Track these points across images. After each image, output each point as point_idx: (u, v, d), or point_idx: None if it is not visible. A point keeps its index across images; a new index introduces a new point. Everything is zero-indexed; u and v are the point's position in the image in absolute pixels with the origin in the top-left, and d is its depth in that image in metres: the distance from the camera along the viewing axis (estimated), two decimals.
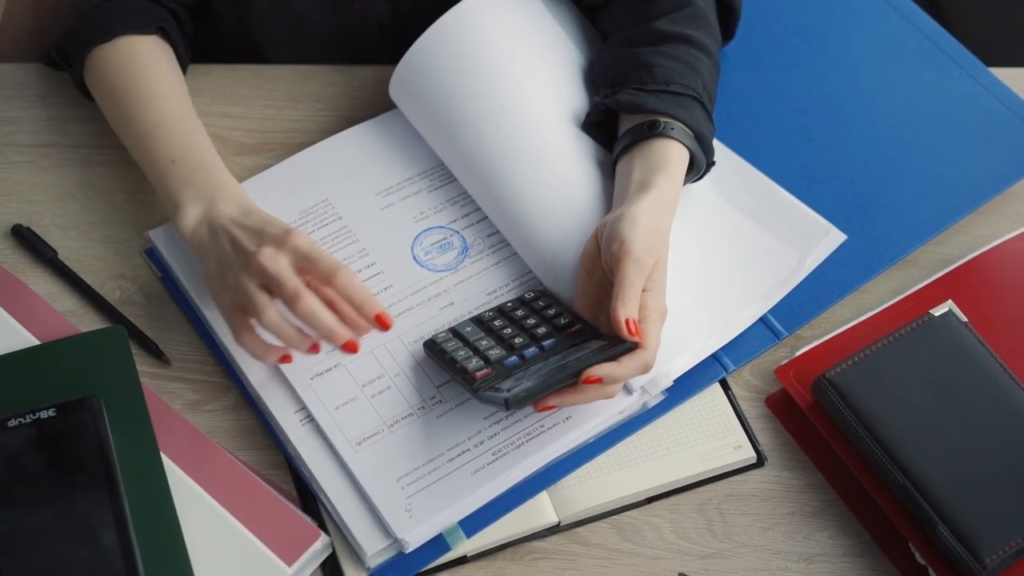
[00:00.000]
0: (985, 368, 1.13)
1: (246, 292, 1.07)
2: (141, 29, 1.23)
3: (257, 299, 1.06)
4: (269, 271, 1.05)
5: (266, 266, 1.06)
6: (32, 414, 1.05)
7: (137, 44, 1.23)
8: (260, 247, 1.07)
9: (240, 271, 1.07)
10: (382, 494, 1.06)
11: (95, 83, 1.24)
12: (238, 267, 1.08)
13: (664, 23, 1.22)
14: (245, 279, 1.07)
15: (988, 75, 1.36)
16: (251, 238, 1.09)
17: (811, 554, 1.09)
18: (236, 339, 1.09)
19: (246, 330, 1.08)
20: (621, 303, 1.05)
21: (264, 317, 1.06)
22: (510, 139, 1.20)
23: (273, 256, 1.06)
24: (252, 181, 1.24)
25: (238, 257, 1.08)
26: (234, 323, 1.09)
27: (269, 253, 1.06)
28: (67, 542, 1.00)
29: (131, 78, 1.21)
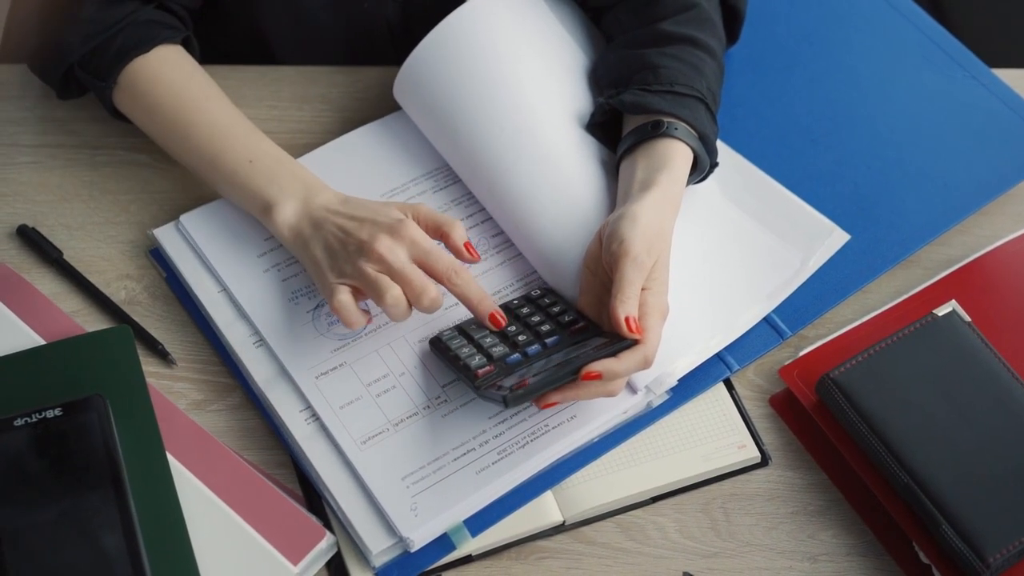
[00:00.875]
0: (989, 368, 1.13)
1: (366, 276, 1.08)
2: (173, 38, 1.23)
3: (380, 281, 1.07)
4: (390, 262, 1.08)
5: (385, 256, 1.08)
6: (38, 413, 1.05)
7: (174, 52, 1.23)
8: (376, 235, 1.09)
9: (357, 258, 1.09)
10: (387, 493, 1.06)
11: (137, 96, 1.21)
12: (354, 254, 1.09)
13: (669, 25, 1.22)
14: (363, 264, 1.08)
15: (990, 76, 1.36)
16: (362, 227, 1.10)
17: (815, 553, 1.09)
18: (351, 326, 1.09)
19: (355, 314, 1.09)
20: (620, 302, 1.05)
21: (388, 298, 1.07)
22: (514, 140, 1.20)
23: (391, 247, 1.08)
24: None
25: (353, 245, 1.09)
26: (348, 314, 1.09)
27: (387, 243, 1.08)
28: (73, 541, 1.00)
29: (181, 85, 1.21)
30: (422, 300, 1.08)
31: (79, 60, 1.22)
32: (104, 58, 1.20)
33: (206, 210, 1.22)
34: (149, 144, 1.27)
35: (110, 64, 1.20)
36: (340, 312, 1.09)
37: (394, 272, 1.08)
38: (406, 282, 1.08)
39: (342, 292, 1.09)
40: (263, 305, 1.16)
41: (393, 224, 1.10)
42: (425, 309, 1.09)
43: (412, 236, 1.09)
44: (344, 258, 1.10)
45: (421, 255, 1.09)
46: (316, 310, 1.16)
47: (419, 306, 1.09)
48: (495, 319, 1.10)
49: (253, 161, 1.17)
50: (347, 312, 1.09)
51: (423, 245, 1.09)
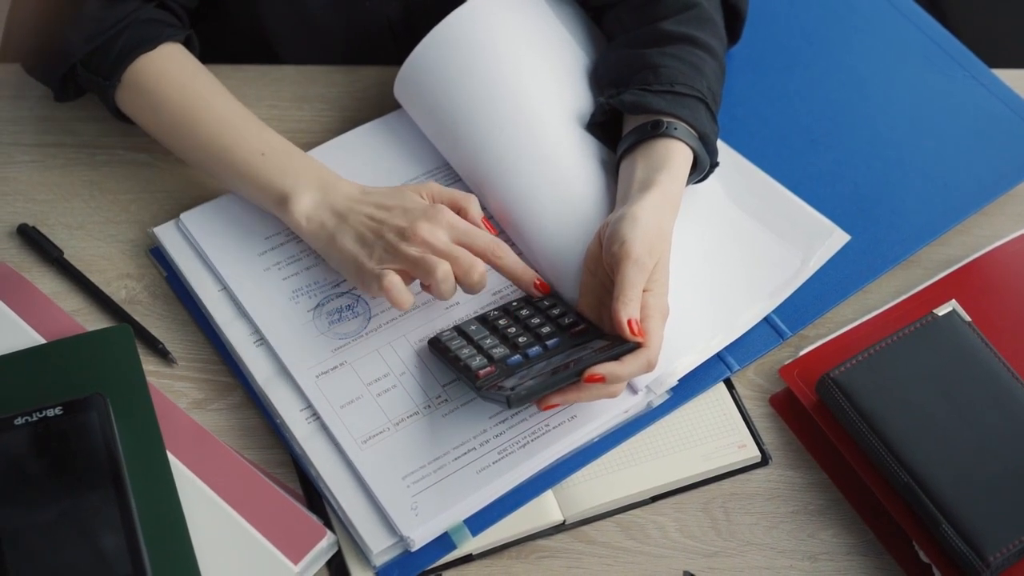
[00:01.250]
0: (989, 367, 1.13)
1: (411, 258, 1.09)
2: (176, 36, 1.23)
3: (427, 260, 1.09)
4: (434, 244, 1.10)
5: (428, 239, 1.10)
6: (38, 412, 1.05)
7: (178, 50, 1.23)
8: (415, 221, 1.10)
9: (399, 243, 1.10)
10: (388, 492, 1.06)
11: (143, 94, 1.21)
12: (394, 242, 1.10)
13: (670, 24, 1.22)
14: (407, 248, 1.09)
15: (991, 76, 1.36)
16: (394, 214, 1.12)
17: (815, 552, 1.10)
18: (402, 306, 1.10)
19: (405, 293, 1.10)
20: (622, 304, 1.05)
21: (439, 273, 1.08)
22: (514, 139, 1.20)
23: (432, 231, 1.10)
24: None
25: (392, 233, 1.11)
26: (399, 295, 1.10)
27: (428, 227, 1.10)
28: (73, 540, 1.00)
29: (187, 82, 1.21)
30: (472, 275, 1.10)
31: (82, 59, 1.21)
32: (108, 56, 1.20)
33: (206, 209, 1.22)
34: (149, 143, 1.27)
35: (114, 62, 1.20)
36: (391, 292, 1.09)
37: (440, 253, 1.10)
38: (454, 260, 1.10)
39: (390, 274, 1.10)
40: (263, 304, 1.16)
41: (426, 209, 1.12)
42: (474, 285, 1.10)
43: (448, 219, 1.11)
44: (383, 246, 1.11)
45: (461, 236, 1.11)
46: (316, 309, 1.16)
47: (469, 282, 1.10)
48: (539, 287, 1.13)
49: (266, 154, 1.17)
50: (398, 292, 1.10)
51: (460, 226, 1.12)
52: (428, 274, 1.09)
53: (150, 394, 1.10)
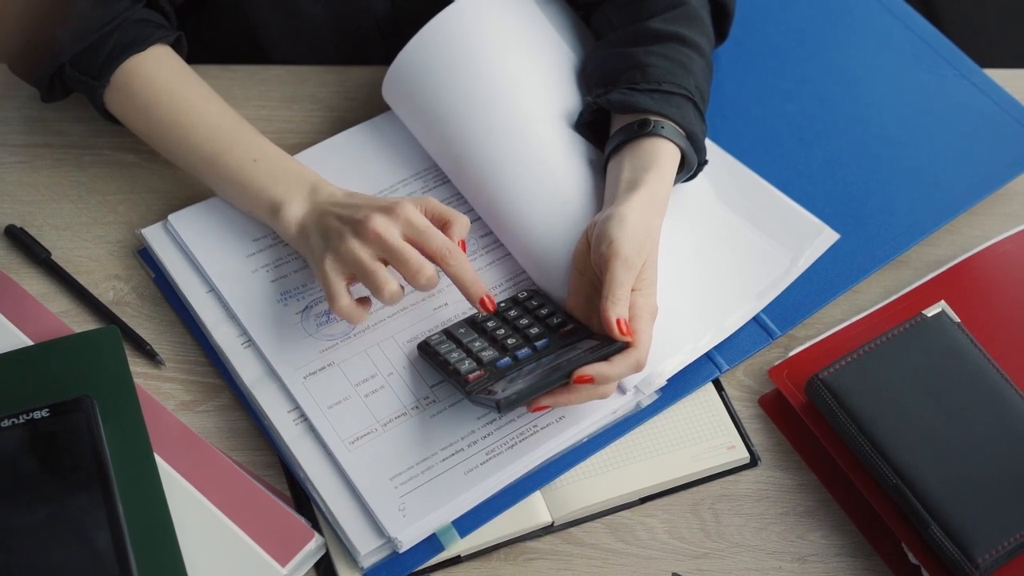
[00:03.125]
0: (978, 368, 1.13)
1: (362, 265, 1.08)
2: (166, 37, 1.22)
3: (377, 275, 1.08)
4: (385, 239, 1.08)
5: (381, 234, 1.08)
6: (25, 414, 1.05)
7: (168, 52, 1.22)
8: (370, 214, 1.09)
9: (351, 237, 1.09)
10: (376, 494, 1.06)
11: (132, 96, 1.20)
12: (349, 234, 1.09)
13: (657, 22, 1.22)
14: (357, 246, 1.08)
15: (981, 76, 1.36)
16: (359, 209, 1.10)
17: (804, 554, 1.09)
18: (333, 306, 1.09)
19: (344, 296, 1.09)
20: (611, 303, 1.05)
21: (385, 294, 1.08)
22: (502, 140, 1.20)
23: (386, 225, 1.08)
24: None
25: (348, 225, 1.09)
26: (335, 290, 1.09)
27: (382, 221, 1.08)
28: (61, 542, 1.00)
29: (177, 85, 1.20)
30: (419, 279, 1.08)
31: (71, 59, 1.20)
32: (98, 57, 1.20)
33: (194, 210, 1.21)
34: (137, 144, 1.27)
35: (104, 63, 1.20)
36: (344, 317, 1.10)
37: (390, 250, 1.08)
38: (402, 261, 1.08)
39: (342, 297, 1.09)
40: (251, 305, 1.16)
41: (389, 204, 1.10)
42: (422, 288, 1.09)
43: (407, 216, 1.09)
44: (339, 238, 1.09)
45: (415, 234, 1.09)
46: (305, 311, 1.16)
47: (416, 284, 1.09)
48: (485, 303, 1.10)
49: (258, 160, 1.17)
50: (351, 316, 1.10)
51: (417, 224, 1.09)
52: (376, 290, 1.08)
53: (137, 396, 1.10)
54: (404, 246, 1.08)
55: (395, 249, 1.08)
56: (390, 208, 1.10)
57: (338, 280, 1.09)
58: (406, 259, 1.08)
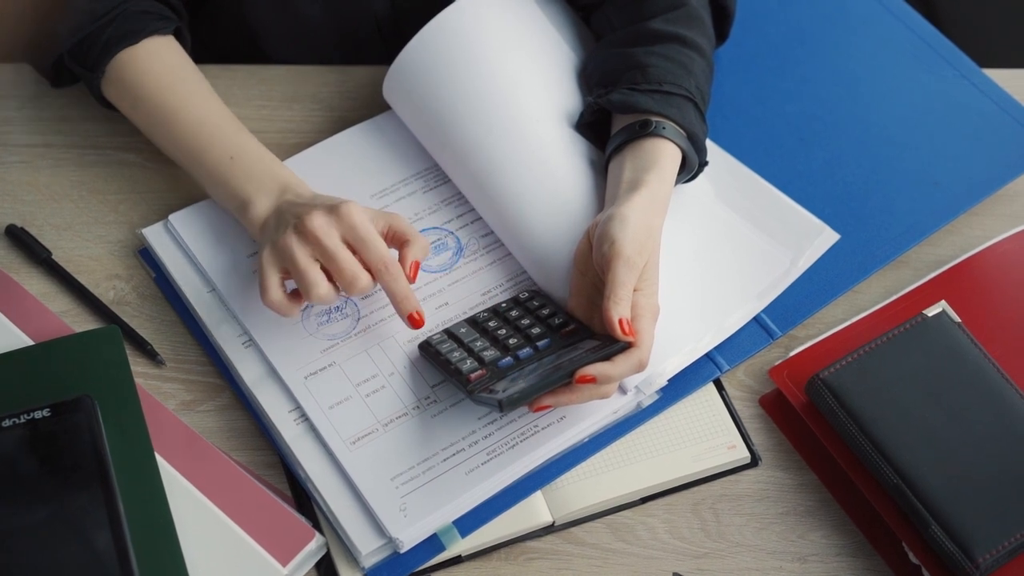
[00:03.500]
0: (978, 368, 1.13)
1: (292, 259, 1.08)
2: (163, 29, 1.23)
3: (307, 274, 1.07)
4: (322, 242, 1.07)
5: (318, 236, 1.07)
6: (26, 414, 1.05)
7: (163, 44, 1.23)
8: (312, 212, 1.08)
9: (291, 232, 1.08)
10: (377, 494, 1.06)
11: (125, 88, 1.21)
12: (290, 229, 1.08)
13: (658, 23, 1.22)
14: (294, 242, 1.08)
15: (981, 76, 1.36)
16: (307, 206, 1.09)
17: (805, 554, 1.09)
18: (262, 298, 1.09)
19: (275, 290, 1.09)
20: (613, 303, 1.05)
21: (312, 295, 1.07)
22: (503, 140, 1.20)
23: (325, 227, 1.07)
24: None
25: (292, 220, 1.09)
26: (266, 282, 1.09)
27: (321, 221, 1.08)
28: (61, 542, 1.00)
29: (167, 79, 1.21)
30: (352, 287, 1.08)
31: (68, 50, 1.22)
32: (93, 49, 1.21)
33: (195, 209, 1.21)
34: (138, 144, 1.27)
35: (98, 55, 1.21)
36: (273, 309, 1.10)
37: (324, 252, 1.07)
38: (337, 268, 1.07)
39: (270, 291, 1.09)
40: (252, 305, 1.16)
41: (334, 204, 1.09)
42: (356, 295, 1.09)
43: (351, 220, 1.08)
44: (281, 231, 1.09)
45: (355, 241, 1.08)
46: (305, 310, 1.16)
47: (349, 292, 1.09)
48: (413, 319, 1.09)
49: (235, 158, 1.17)
50: (279, 309, 1.10)
51: (359, 230, 1.08)
52: (305, 291, 1.08)
53: (138, 395, 1.10)
54: (339, 251, 1.07)
55: (330, 252, 1.07)
56: (334, 208, 1.09)
57: (272, 273, 1.09)
58: (340, 266, 1.07)
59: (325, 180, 1.23)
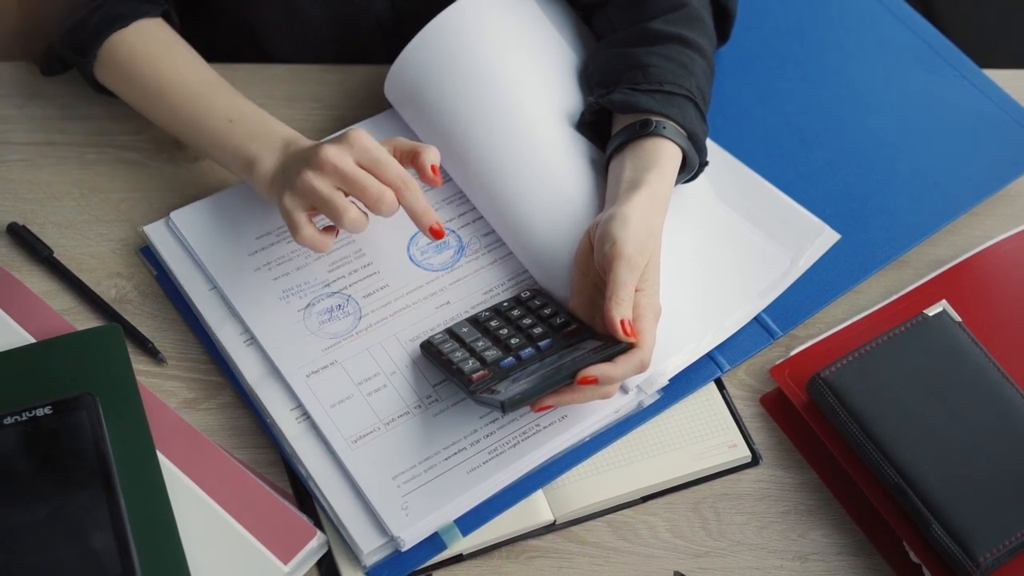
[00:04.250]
0: (979, 368, 1.13)
1: (315, 191, 1.08)
2: (151, 12, 1.24)
3: (334, 200, 1.08)
4: (340, 168, 1.08)
5: (335, 163, 1.08)
6: (28, 412, 1.05)
7: (152, 25, 1.24)
8: (323, 146, 1.09)
9: (307, 170, 1.09)
10: (378, 492, 1.06)
11: (117, 67, 1.23)
12: (304, 167, 1.09)
13: (659, 23, 1.22)
14: (312, 176, 1.08)
15: (982, 76, 1.36)
16: (313, 146, 1.11)
17: (805, 552, 1.10)
18: (296, 238, 1.10)
19: (306, 226, 1.10)
20: (615, 304, 1.05)
21: (345, 220, 1.08)
22: (505, 139, 1.20)
23: (338, 154, 1.08)
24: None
25: (303, 160, 1.10)
26: (295, 222, 1.10)
27: (334, 150, 1.09)
28: (63, 540, 1.00)
29: (159, 55, 1.22)
30: (380, 206, 1.08)
31: (59, 37, 1.23)
32: (83, 34, 1.22)
33: (196, 207, 1.21)
34: (140, 142, 1.27)
35: (89, 40, 1.22)
36: (309, 246, 1.11)
37: (346, 178, 1.08)
38: (360, 188, 1.08)
39: (304, 227, 1.10)
40: (254, 303, 1.16)
41: (342, 134, 1.11)
42: (385, 213, 1.09)
43: (362, 143, 1.09)
44: (296, 173, 1.10)
45: (370, 162, 1.09)
46: (307, 308, 1.16)
47: (378, 211, 1.09)
48: (434, 231, 1.10)
49: (234, 120, 1.18)
50: (315, 244, 1.11)
51: (373, 153, 1.09)
52: (336, 217, 1.08)
53: (140, 393, 1.10)
54: (359, 174, 1.08)
55: (352, 177, 1.08)
56: (343, 137, 1.10)
57: (297, 212, 1.10)
58: (364, 186, 1.08)
59: None
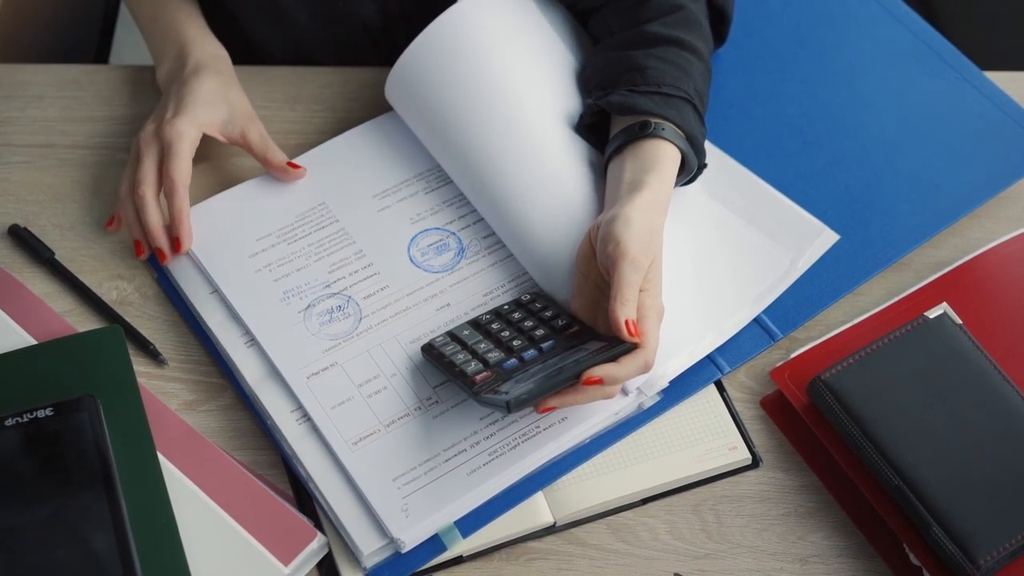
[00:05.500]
0: (979, 370, 1.13)
1: (134, 150, 1.21)
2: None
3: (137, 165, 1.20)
4: (140, 148, 1.20)
5: (140, 142, 1.20)
6: (29, 413, 1.05)
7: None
8: (151, 121, 1.21)
9: (144, 129, 1.21)
10: (378, 494, 1.06)
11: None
12: (150, 120, 1.22)
13: (656, 26, 1.22)
14: (139, 138, 1.21)
15: (982, 78, 1.36)
16: (160, 108, 1.23)
17: (806, 555, 1.10)
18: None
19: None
20: (619, 304, 1.05)
21: (123, 188, 1.21)
22: (505, 141, 1.20)
23: (149, 138, 1.20)
24: (250, 183, 1.25)
25: (156, 114, 1.22)
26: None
27: (147, 132, 1.20)
28: (64, 541, 1.00)
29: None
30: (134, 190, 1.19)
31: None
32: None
33: (197, 210, 1.22)
34: None
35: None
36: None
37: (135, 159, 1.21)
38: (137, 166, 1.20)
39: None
40: (254, 305, 1.16)
41: (169, 118, 1.20)
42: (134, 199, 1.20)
43: (170, 140, 1.18)
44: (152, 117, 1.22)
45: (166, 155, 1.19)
46: (307, 310, 1.16)
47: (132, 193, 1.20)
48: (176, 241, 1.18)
49: (156, 20, 1.28)
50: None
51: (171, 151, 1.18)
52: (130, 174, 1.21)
53: (141, 395, 1.10)
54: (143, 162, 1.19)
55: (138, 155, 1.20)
56: (163, 122, 1.20)
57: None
58: (131, 177, 1.20)
59: (327, 181, 1.24)
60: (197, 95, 1.21)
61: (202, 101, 1.21)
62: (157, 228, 1.18)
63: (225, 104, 1.23)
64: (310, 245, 1.20)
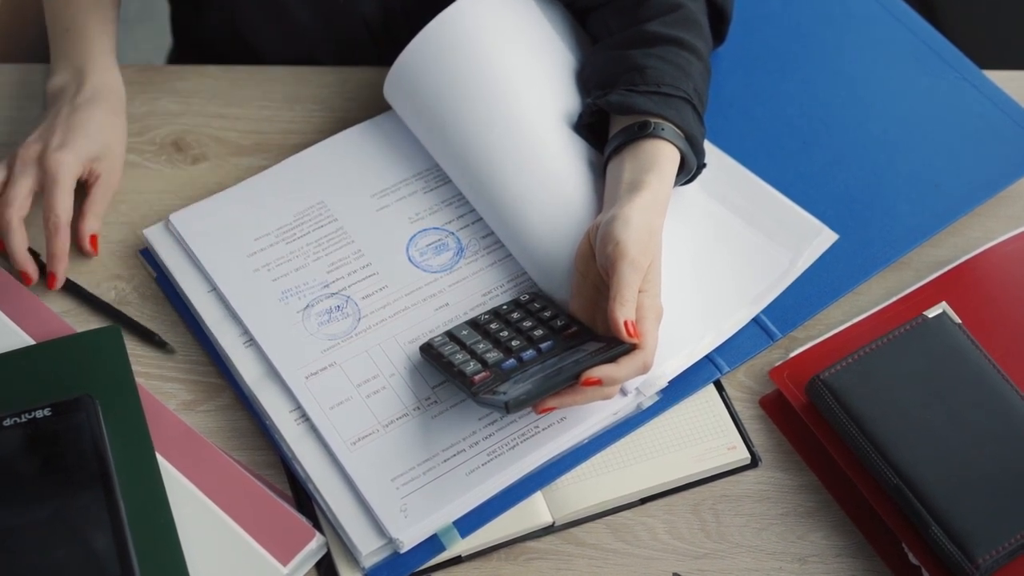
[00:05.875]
0: (979, 369, 1.13)
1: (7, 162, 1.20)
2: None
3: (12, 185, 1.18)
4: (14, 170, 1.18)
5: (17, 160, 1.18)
6: (27, 414, 1.05)
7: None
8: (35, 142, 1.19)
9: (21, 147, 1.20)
10: (377, 494, 1.06)
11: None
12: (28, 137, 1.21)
13: (655, 26, 1.22)
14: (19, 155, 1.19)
15: (982, 78, 1.36)
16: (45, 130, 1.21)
17: (805, 554, 1.09)
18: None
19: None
20: (619, 305, 1.05)
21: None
22: (504, 141, 1.20)
23: (30, 160, 1.18)
24: (248, 183, 1.24)
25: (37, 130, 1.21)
26: None
27: (30, 153, 1.19)
28: (62, 542, 1.00)
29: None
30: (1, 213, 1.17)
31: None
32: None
33: (196, 210, 1.22)
34: (139, 144, 1.27)
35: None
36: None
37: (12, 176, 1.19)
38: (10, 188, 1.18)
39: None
40: (253, 305, 1.16)
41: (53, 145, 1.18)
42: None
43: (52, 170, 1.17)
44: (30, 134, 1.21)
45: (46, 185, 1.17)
46: (306, 310, 1.16)
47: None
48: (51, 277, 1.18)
49: (69, 31, 1.25)
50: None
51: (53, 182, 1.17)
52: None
53: (139, 395, 1.10)
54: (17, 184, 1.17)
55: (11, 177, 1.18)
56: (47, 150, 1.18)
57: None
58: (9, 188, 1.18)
59: (326, 180, 1.24)
60: (87, 128, 1.20)
61: (90, 134, 1.20)
62: (22, 252, 1.17)
63: (102, 143, 1.22)
64: (308, 244, 1.20)
